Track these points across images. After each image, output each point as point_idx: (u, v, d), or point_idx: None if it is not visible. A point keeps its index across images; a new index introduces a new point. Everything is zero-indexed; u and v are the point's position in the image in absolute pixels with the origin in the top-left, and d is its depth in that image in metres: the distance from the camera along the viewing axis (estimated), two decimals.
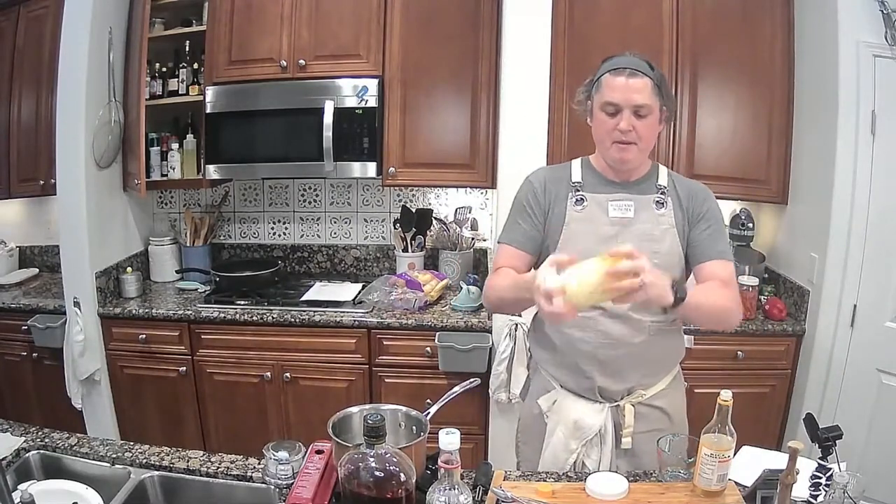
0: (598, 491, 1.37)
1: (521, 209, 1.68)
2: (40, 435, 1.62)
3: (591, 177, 1.65)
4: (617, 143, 1.55)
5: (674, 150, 2.71)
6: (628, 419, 1.62)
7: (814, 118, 2.54)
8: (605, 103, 1.54)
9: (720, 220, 1.64)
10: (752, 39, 2.65)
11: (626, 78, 1.51)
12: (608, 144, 1.57)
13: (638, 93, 1.51)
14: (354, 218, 3.31)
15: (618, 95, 1.51)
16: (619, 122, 1.52)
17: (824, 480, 1.26)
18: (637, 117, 1.52)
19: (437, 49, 2.80)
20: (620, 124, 1.52)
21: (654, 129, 1.58)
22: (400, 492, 1.14)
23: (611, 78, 1.53)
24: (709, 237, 1.61)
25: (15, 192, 3.17)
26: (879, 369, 2.41)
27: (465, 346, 2.57)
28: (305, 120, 2.82)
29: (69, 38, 2.62)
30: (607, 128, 1.55)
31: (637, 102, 1.51)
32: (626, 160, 1.57)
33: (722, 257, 1.61)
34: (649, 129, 1.55)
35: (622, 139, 1.53)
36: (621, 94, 1.51)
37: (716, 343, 2.56)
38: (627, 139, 1.53)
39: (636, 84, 1.51)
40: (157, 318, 2.77)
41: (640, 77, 1.51)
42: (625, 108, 1.51)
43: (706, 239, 1.61)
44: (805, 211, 2.63)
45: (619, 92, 1.51)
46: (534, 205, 1.65)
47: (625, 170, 1.62)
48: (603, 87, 1.55)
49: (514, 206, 1.70)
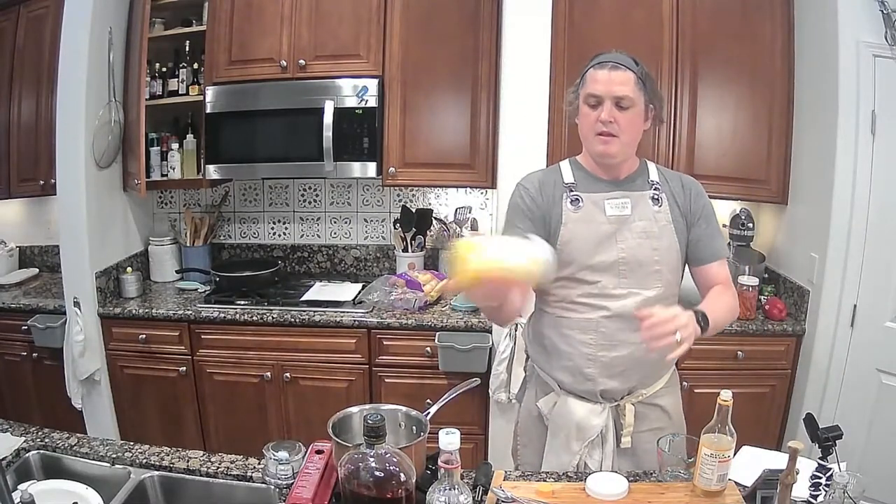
0: (598, 491, 1.37)
1: (518, 212, 1.65)
2: (40, 435, 1.62)
3: (582, 176, 1.65)
4: (599, 136, 1.56)
5: (674, 150, 2.71)
6: (629, 418, 1.62)
7: (814, 118, 2.54)
8: (587, 95, 1.56)
9: (713, 213, 1.68)
10: (752, 39, 2.65)
11: (608, 70, 1.54)
12: (591, 138, 1.58)
13: (620, 85, 1.52)
14: (354, 218, 3.32)
15: (599, 87, 1.54)
16: (601, 113, 1.53)
17: (824, 480, 1.26)
18: (619, 108, 1.53)
19: (437, 49, 2.80)
20: (602, 115, 1.53)
21: (638, 123, 1.58)
22: (400, 492, 1.14)
23: (594, 71, 1.56)
24: (708, 237, 1.64)
25: (15, 192, 3.18)
26: (879, 369, 2.41)
27: (465, 346, 2.57)
28: (305, 120, 2.82)
29: (69, 38, 2.62)
30: (590, 120, 1.56)
31: (618, 94, 1.52)
32: (608, 153, 1.57)
33: (720, 256, 1.66)
34: (631, 123, 1.56)
35: (604, 130, 1.54)
36: (603, 85, 1.53)
37: (716, 343, 2.56)
38: (609, 130, 1.54)
39: (618, 76, 1.53)
40: (157, 318, 2.77)
41: (622, 70, 1.54)
42: (606, 99, 1.53)
43: (706, 239, 1.64)
44: (805, 211, 2.63)
45: (600, 84, 1.54)
46: (532, 207, 1.63)
47: (610, 164, 1.62)
48: (587, 81, 1.57)
49: (510, 212, 1.68)
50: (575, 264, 1.58)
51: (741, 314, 2.59)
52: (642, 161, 1.68)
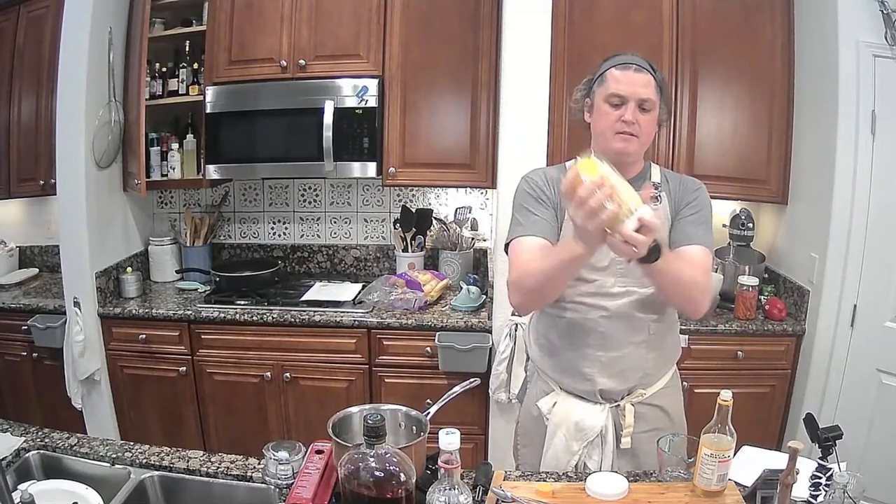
0: (598, 491, 1.37)
1: (530, 199, 1.63)
2: (40, 435, 1.61)
3: None
4: (620, 135, 1.55)
5: (674, 150, 2.71)
6: (628, 419, 1.62)
7: (814, 118, 2.54)
8: (610, 94, 1.55)
9: (708, 211, 1.63)
10: (752, 39, 2.65)
11: (633, 72, 1.54)
12: (610, 136, 1.56)
13: (644, 87, 1.53)
14: (354, 218, 3.31)
15: (624, 87, 1.53)
16: (624, 113, 1.53)
17: (824, 480, 1.26)
18: (641, 111, 1.54)
19: (437, 49, 2.80)
20: (626, 115, 1.53)
21: (654, 126, 1.59)
22: (400, 492, 1.14)
23: (617, 72, 1.56)
24: (691, 222, 1.59)
25: (15, 192, 3.18)
26: (879, 369, 2.41)
27: (465, 346, 2.57)
28: (305, 120, 2.82)
29: (69, 38, 2.62)
30: (611, 119, 1.55)
31: (642, 96, 1.53)
32: (627, 152, 1.57)
33: (700, 243, 1.57)
34: (650, 125, 1.57)
35: (626, 130, 1.54)
36: (628, 86, 1.53)
37: (716, 343, 2.57)
38: (631, 131, 1.54)
39: (642, 79, 1.54)
40: (157, 318, 2.77)
41: (645, 73, 1.54)
42: (631, 100, 1.53)
43: (688, 224, 1.59)
44: (805, 211, 2.63)
45: (625, 84, 1.53)
46: (543, 195, 1.62)
47: (623, 163, 1.61)
48: (608, 80, 1.56)
49: (520, 201, 1.65)
50: None
51: (741, 314, 2.60)
52: (647, 162, 1.68)
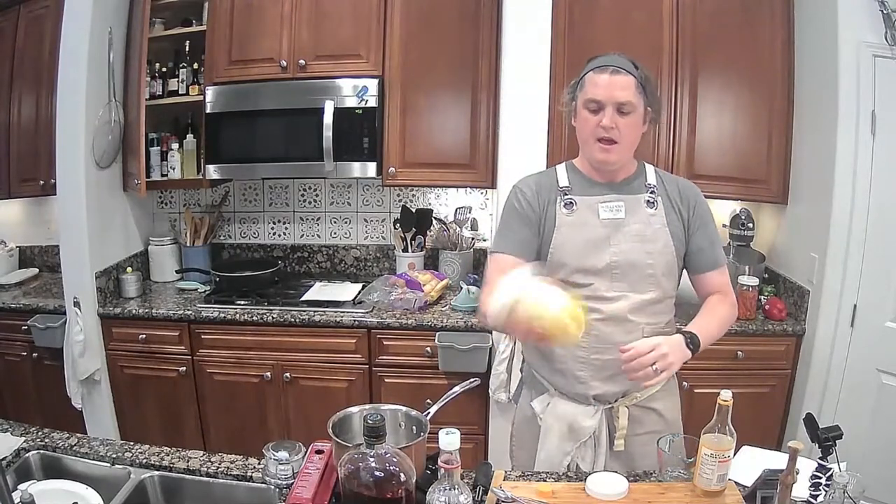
0: (598, 491, 1.37)
1: (514, 214, 1.65)
2: (40, 435, 1.62)
3: (578, 180, 1.65)
4: (599, 143, 1.55)
5: (674, 150, 2.71)
6: (622, 421, 1.61)
7: (814, 118, 2.54)
8: (588, 100, 1.54)
9: (710, 218, 1.67)
10: (752, 39, 2.65)
11: (609, 75, 1.52)
12: (592, 143, 1.57)
13: (621, 90, 1.51)
14: (354, 218, 3.31)
15: (601, 92, 1.52)
16: (602, 118, 1.52)
17: (824, 480, 1.26)
18: (620, 114, 1.52)
19: (437, 49, 2.80)
20: (603, 121, 1.52)
21: (638, 128, 1.58)
22: (400, 492, 1.14)
23: (594, 75, 1.54)
24: (709, 245, 1.64)
25: (15, 192, 3.18)
26: (879, 369, 2.41)
27: (465, 346, 2.57)
28: (305, 120, 2.82)
29: (69, 38, 2.62)
30: (591, 125, 1.55)
31: (620, 99, 1.51)
32: (609, 161, 1.58)
33: (720, 265, 1.66)
34: (632, 128, 1.55)
35: (604, 136, 1.53)
36: (604, 90, 1.52)
37: (716, 343, 2.49)
38: (610, 136, 1.53)
39: (619, 81, 1.51)
40: (157, 318, 2.77)
41: (623, 74, 1.52)
42: (608, 104, 1.52)
43: (707, 248, 1.64)
44: (805, 211, 2.63)
45: (602, 88, 1.52)
46: (527, 210, 1.63)
47: (608, 170, 1.62)
48: (586, 85, 1.55)
49: (506, 214, 1.68)
50: (567, 267, 1.58)
51: (741, 314, 2.59)
52: (640, 163, 1.67)
